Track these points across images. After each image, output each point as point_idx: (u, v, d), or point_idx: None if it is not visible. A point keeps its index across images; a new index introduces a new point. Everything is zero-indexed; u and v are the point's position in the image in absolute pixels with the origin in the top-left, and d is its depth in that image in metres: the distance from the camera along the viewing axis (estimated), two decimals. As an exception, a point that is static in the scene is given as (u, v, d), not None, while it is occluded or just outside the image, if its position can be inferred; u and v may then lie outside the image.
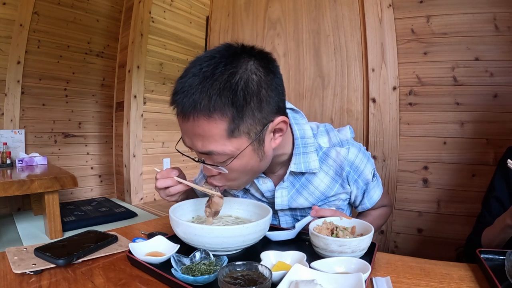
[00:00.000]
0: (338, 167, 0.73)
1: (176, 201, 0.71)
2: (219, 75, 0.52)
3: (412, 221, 1.40)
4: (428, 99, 1.36)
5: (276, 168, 0.74)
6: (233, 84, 0.52)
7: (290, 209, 0.79)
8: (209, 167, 0.60)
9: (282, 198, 0.74)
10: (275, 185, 0.75)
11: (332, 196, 0.76)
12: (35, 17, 2.57)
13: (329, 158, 0.73)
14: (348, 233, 0.60)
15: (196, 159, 0.62)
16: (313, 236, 0.57)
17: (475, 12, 1.27)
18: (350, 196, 0.80)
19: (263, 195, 0.77)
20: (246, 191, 0.81)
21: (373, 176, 0.79)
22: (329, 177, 0.74)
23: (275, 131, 0.61)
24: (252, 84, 0.53)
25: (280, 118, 0.59)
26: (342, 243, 0.53)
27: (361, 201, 0.82)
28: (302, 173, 0.73)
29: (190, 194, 0.82)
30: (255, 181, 0.74)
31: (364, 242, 0.55)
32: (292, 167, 0.70)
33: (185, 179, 0.69)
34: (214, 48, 0.57)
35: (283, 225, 0.81)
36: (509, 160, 0.60)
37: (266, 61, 0.57)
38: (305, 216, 0.79)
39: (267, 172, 0.74)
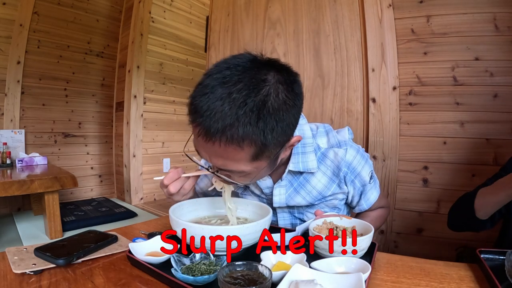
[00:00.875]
0: (336, 168, 0.74)
1: (192, 197, 0.72)
2: (251, 104, 0.49)
3: (412, 221, 1.40)
4: (428, 99, 1.36)
5: (278, 170, 0.74)
6: (265, 114, 0.50)
7: (288, 206, 0.80)
8: (222, 177, 0.60)
9: (280, 196, 0.75)
10: (274, 183, 0.76)
11: (329, 196, 0.77)
12: (35, 17, 2.57)
13: (327, 158, 0.75)
14: (348, 233, 0.60)
15: (210, 170, 0.62)
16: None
17: (475, 12, 1.27)
18: (347, 197, 0.81)
19: (262, 192, 0.78)
20: (246, 188, 0.81)
21: (371, 177, 0.79)
22: (327, 177, 0.75)
23: (289, 146, 0.63)
24: (282, 113, 0.53)
25: (296, 137, 0.62)
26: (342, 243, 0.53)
27: (358, 202, 0.82)
28: (300, 173, 0.74)
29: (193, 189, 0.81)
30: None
31: (364, 242, 0.55)
32: (291, 167, 0.72)
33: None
34: (238, 60, 0.54)
35: (280, 222, 0.82)
36: None
37: (292, 80, 0.56)
38: (302, 214, 0.80)
39: None
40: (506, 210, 0.79)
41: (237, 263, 0.47)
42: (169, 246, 0.58)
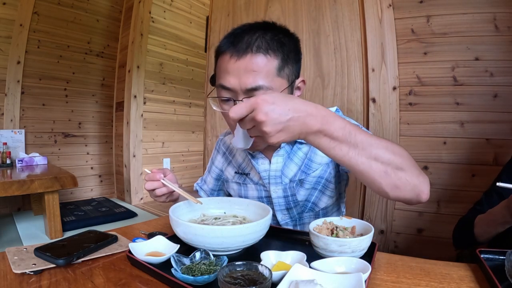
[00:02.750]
0: None
1: (165, 202, 0.76)
2: (270, 34, 0.66)
3: (412, 221, 1.40)
4: (428, 99, 1.36)
5: None
6: (282, 40, 0.67)
7: (287, 208, 0.82)
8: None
9: (277, 164, 0.80)
10: (270, 163, 0.82)
11: (310, 162, 0.79)
12: (35, 17, 2.57)
13: None
14: (348, 233, 0.60)
15: (234, 100, 0.67)
16: (313, 236, 0.57)
17: (475, 12, 1.27)
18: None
19: (260, 178, 0.83)
20: (245, 177, 0.86)
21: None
22: None
23: (297, 88, 0.74)
24: (294, 44, 0.70)
25: (302, 78, 0.74)
26: (342, 243, 0.53)
27: None
28: (294, 142, 0.80)
29: (180, 196, 0.83)
30: (254, 162, 0.82)
31: (364, 242, 0.55)
32: None
33: (175, 181, 0.74)
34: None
35: (276, 206, 0.83)
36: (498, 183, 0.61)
37: (296, 37, 0.73)
38: (301, 214, 0.81)
39: (266, 149, 0.81)
40: None
41: (237, 263, 0.47)
42: (169, 246, 0.58)
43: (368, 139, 0.51)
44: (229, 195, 0.94)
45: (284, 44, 0.66)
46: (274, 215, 0.84)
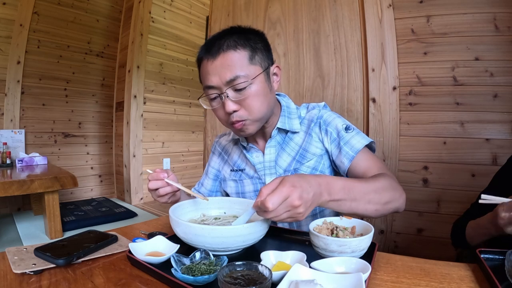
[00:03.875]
0: (310, 122, 0.86)
1: (166, 202, 0.76)
2: (236, 31, 0.76)
3: (412, 221, 1.40)
4: (428, 99, 1.36)
5: (266, 131, 0.86)
6: (248, 35, 0.76)
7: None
8: (234, 94, 0.73)
9: (270, 155, 0.85)
10: (264, 154, 0.87)
11: (309, 152, 0.83)
12: (35, 17, 2.57)
13: (305, 119, 0.88)
14: (348, 233, 0.60)
15: (223, 94, 0.74)
16: (313, 236, 0.57)
17: (475, 12, 1.27)
18: (329, 154, 0.83)
19: (255, 171, 0.87)
20: (241, 173, 0.90)
21: (347, 128, 0.81)
22: (304, 133, 0.86)
23: (274, 74, 0.80)
24: (259, 37, 0.78)
25: (276, 64, 0.81)
26: (342, 243, 0.53)
27: (340, 152, 0.78)
28: (286, 132, 0.86)
29: (182, 196, 0.85)
30: (248, 155, 0.87)
31: (364, 242, 0.55)
32: (279, 124, 0.84)
33: (176, 181, 0.74)
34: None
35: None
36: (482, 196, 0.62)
37: (261, 32, 0.82)
38: None
39: (259, 138, 0.88)
40: None
41: (237, 263, 0.47)
42: (169, 246, 0.58)
43: (363, 188, 0.63)
44: (227, 195, 0.95)
45: (249, 38, 0.75)
46: None
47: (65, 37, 2.78)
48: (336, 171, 0.85)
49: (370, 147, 0.81)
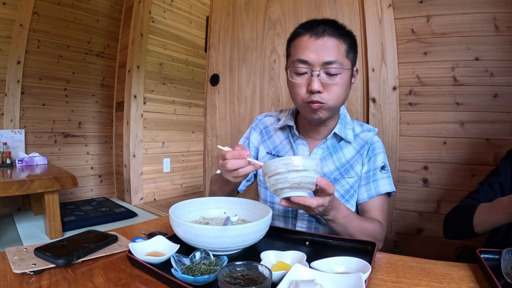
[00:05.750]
0: (364, 143, 0.89)
1: (235, 181, 0.70)
2: (336, 23, 0.81)
3: (412, 221, 1.40)
4: (428, 99, 1.36)
5: (322, 130, 0.89)
6: (348, 32, 0.82)
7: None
8: (324, 76, 0.77)
9: (316, 155, 0.88)
10: (310, 153, 0.89)
11: (352, 169, 0.86)
12: (35, 17, 2.57)
13: (359, 137, 0.91)
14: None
15: (313, 71, 0.77)
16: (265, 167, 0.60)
17: (475, 12, 1.27)
18: (359, 179, 0.86)
19: None
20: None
21: (383, 167, 0.87)
22: (355, 150, 0.88)
23: (353, 76, 0.84)
24: (354, 38, 0.83)
25: (356, 67, 0.85)
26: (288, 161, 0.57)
27: (366, 186, 0.86)
28: (339, 140, 0.89)
29: None
30: (294, 146, 0.89)
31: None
32: (337, 130, 0.87)
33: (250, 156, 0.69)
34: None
35: (298, 225, 0.87)
36: None
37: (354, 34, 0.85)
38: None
39: (313, 133, 0.89)
40: None
41: (237, 263, 0.47)
42: (169, 246, 0.58)
43: (357, 225, 0.74)
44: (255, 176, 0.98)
45: (350, 36, 0.81)
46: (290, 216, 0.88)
47: (65, 37, 2.78)
48: None
49: (389, 193, 0.87)
